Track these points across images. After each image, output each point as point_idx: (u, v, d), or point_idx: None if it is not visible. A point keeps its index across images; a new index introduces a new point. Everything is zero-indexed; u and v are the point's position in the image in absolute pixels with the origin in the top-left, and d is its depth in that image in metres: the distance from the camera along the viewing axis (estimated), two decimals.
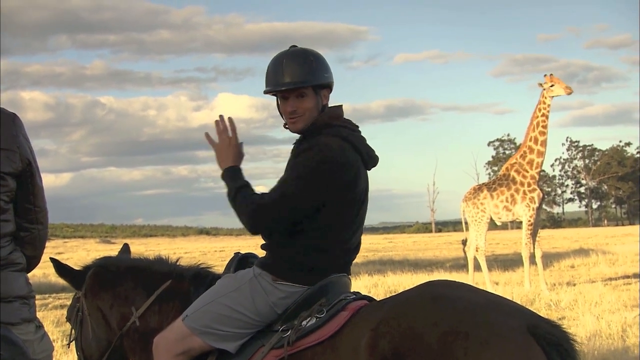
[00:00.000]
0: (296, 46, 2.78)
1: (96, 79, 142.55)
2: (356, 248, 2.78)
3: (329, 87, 2.76)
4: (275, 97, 2.77)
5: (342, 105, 2.80)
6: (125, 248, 3.42)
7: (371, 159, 2.77)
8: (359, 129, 2.78)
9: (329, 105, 2.78)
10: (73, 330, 3.18)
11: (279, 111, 2.77)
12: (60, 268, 3.16)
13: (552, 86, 12.20)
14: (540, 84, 12.34)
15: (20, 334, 2.32)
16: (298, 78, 2.66)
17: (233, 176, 2.70)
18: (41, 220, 2.56)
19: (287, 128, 2.76)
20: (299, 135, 2.75)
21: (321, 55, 2.77)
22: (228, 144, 2.77)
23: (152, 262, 3.15)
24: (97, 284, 3.11)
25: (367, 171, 2.78)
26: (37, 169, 2.53)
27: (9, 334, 2.26)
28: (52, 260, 3.15)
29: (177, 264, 3.14)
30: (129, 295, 3.03)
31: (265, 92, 2.75)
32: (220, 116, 2.80)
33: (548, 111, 12.31)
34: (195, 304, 2.71)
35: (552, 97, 12.27)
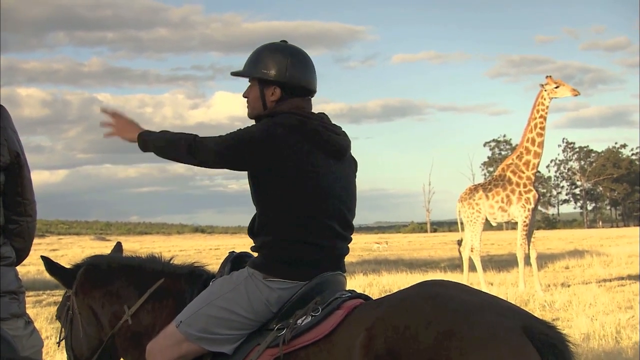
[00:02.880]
0: (286, 41, 2.81)
1: (93, 76, 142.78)
2: (345, 241, 2.73)
3: (272, 83, 2.74)
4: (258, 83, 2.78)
5: (310, 99, 2.80)
6: (118, 247, 3.39)
7: (337, 150, 2.70)
8: (328, 121, 2.74)
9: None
10: (63, 329, 3.15)
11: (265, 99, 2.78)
12: (51, 266, 3.13)
13: (556, 87, 12.09)
14: (542, 85, 12.25)
15: (10, 330, 2.30)
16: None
17: (151, 133, 2.72)
18: (30, 212, 2.53)
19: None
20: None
21: (267, 51, 2.77)
22: (127, 120, 2.80)
23: (144, 261, 3.12)
24: (88, 282, 3.08)
25: (338, 161, 2.70)
26: (26, 161, 2.49)
27: None
28: (43, 258, 3.12)
29: (170, 262, 3.11)
30: (121, 294, 3.00)
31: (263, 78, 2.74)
32: (102, 108, 2.84)
33: (546, 112, 12.24)
34: (188, 308, 2.67)
35: (555, 98, 12.14)
